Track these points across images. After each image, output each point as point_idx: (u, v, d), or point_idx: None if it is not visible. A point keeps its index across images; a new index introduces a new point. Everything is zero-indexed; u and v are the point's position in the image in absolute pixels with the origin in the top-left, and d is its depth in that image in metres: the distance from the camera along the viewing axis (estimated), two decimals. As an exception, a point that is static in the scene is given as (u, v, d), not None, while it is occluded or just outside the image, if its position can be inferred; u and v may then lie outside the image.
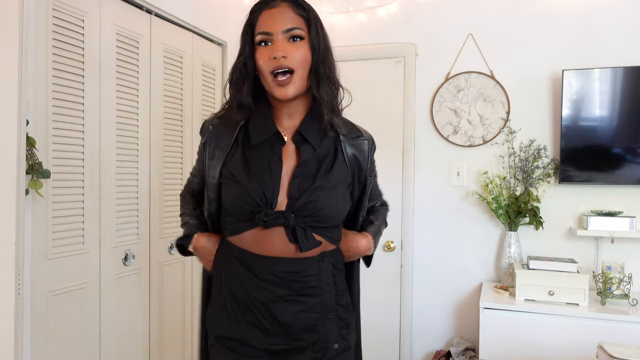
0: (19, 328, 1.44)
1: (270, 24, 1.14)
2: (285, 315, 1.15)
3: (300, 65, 1.14)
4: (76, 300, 1.79)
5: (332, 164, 1.20)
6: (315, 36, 1.17)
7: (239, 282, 1.18)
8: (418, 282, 2.81)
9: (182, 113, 2.37)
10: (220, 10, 2.63)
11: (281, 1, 1.17)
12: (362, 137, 1.29)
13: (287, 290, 1.16)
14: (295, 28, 1.15)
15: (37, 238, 1.62)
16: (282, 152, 1.19)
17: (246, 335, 1.16)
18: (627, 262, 2.39)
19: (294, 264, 1.16)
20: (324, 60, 1.18)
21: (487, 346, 2.29)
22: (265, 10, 1.16)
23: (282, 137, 1.20)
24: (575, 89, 2.46)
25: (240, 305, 1.18)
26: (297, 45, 1.14)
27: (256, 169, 1.16)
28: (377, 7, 2.86)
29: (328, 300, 1.19)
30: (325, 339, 1.18)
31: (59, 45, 1.70)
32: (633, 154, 2.38)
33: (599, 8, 2.51)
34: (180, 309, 2.39)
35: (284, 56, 1.12)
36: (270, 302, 1.15)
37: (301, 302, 1.17)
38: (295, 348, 1.16)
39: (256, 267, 1.17)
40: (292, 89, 1.14)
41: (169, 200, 2.29)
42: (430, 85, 2.78)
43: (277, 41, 1.13)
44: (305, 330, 1.17)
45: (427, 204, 2.79)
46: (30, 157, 1.53)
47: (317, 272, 1.19)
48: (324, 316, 1.18)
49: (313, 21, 1.18)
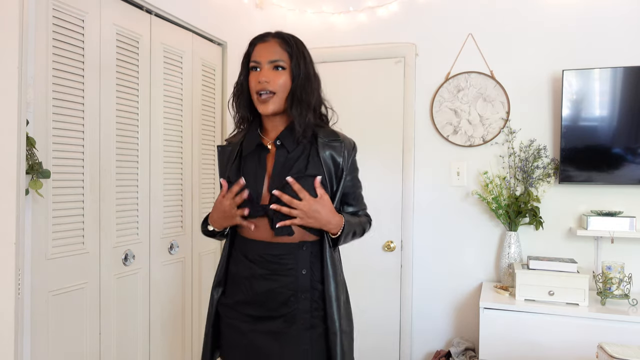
0: (19, 328, 1.44)
1: (260, 55, 1.46)
2: (262, 290, 1.43)
3: (280, 89, 1.44)
4: (76, 300, 1.79)
5: (307, 162, 1.45)
6: (295, 67, 1.45)
7: (235, 263, 1.51)
8: (418, 282, 2.81)
9: (182, 113, 2.37)
10: (220, 10, 2.64)
11: (272, 37, 1.48)
12: (338, 140, 1.51)
13: (266, 269, 1.44)
14: (279, 60, 1.45)
15: (37, 238, 1.62)
16: (266, 158, 1.48)
17: (235, 303, 1.49)
18: (627, 262, 2.39)
19: (274, 247, 1.43)
20: (303, 87, 1.46)
21: (487, 346, 2.30)
22: (259, 44, 1.48)
23: (266, 146, 1.49)
24: (575, 89, 2.46)
25: (235, 280, 1.50)
26: (279, 74, 1.45)
27: (246, 174, 1.47)
28: (377, 7, 2.86)
29: (302, 282, 1.43)
30: (295, 313, 1.42)
31: (59, 45, 1.70)
32: (633, 154, 2.38)
33: (599, 8, 2.52)
34: (180, 309, 2.39)
35: (266, 81, 1.43)
36: (253, 278, 1.45)
37: (276, 280, 1.43)
38: (270, 316, 1.43)
39: (247, 249, 1.47)
40: (271, 107, 1.44)
41: (169, 200, 2.29)
42: (430, 85, 2.78)
43: (264, 69, 1.44)
44: (279, 303, 1.43)
45: (427, 204, 2.79)
46: (30, 157, 1.53)
47: (294, 257, 1.43)
48: (297, 295, 1.42)
49: (295, 55, 1.46)
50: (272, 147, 1.49)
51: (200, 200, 2.52)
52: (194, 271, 2.49)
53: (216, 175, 2.67)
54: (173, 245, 2.30)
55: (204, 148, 2.55)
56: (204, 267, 2.57)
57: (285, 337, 1.42)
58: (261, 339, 1.43)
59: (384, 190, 2.82)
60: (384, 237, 2.82)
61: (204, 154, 2.55)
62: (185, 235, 2.40)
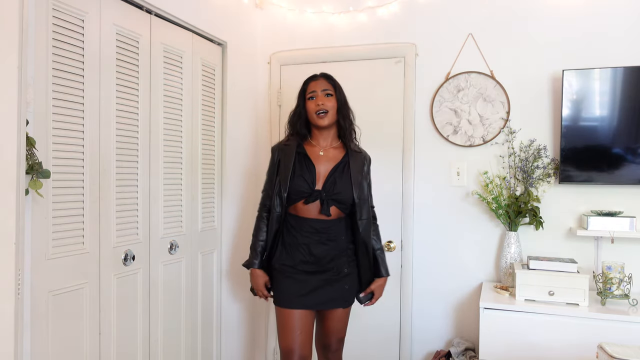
0: (19, 328, 1.44)
1: (314, 87, 2.19)
2: (318, 251, 2.12)
3: (330, 108, 2.16)
4: (76, 300, 1.79)
5: (347, 167, 2.17)
6: (339, 94, 2.19)
7: (292, 235, 2.15)
8: (418, 282, 2.81)
9: (182, 113, 2.37)
10: (220, 10, 2.63)
11: (320, 76, 2.22)
12: (361, 154, 2.24)
13: (319, 237, 2.12)
14: (328, 89, 2.18)
15: (37, 238, 1.62)
16: (314, 160, 2.17)
17: (294, 263, 2.13)
18: (627, 262, 2.39)
19: (324, 222, 2.13)
20: (343, 107, 2.20)
21: (487, 346, 2.30)
22: (312, 82, 2.21)
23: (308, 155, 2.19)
24: (575, 89, 2.46)
25: (292, 247, 2.15)
26: (329, 99, 2.17)
27: (303, 171, 2.14)
28: (377, 7, 2.86)
29: (342, 245, 2.16)
30: (340, 266, 2.15)
31: (59, 45, 1.70)
32: (633, 154, 2.38)
33: (599, 8, 2.52)
34: (180, 309, 2.39)
35: (323, 104, 2.15)
36: (311, 243, 2.12)
37: (327, 244, 2.13)
38: (322, 270, 2.13)
39: (303, 224, 2.14)
40: (326, 120, 2.15)
41: (169, 200, 2.29)
42: (430, 85, 2.78)
43: (318, 96, 2.16)
44: (329, 260, 2.13)
45: (427, 204, 2.79)
46: (30, 157, 1.53)
47: (336, 228, 2.15)
48: (339, 253, 2.15)
49: (337, 87, 2.21)
50: (323, 151, 2.19)
51: (200, 200, 2.52)
52: (194, 271, 2.49)
53: (216, 175, 2.68)
54: (173, 245, 2.29)
55: (204, 148, 2.54)
56: (204, 267, 2.57)
57: (333, 282, 2.13)
58: (315, 283, 2.12)
59: (384, 190, 2.81)
60: (384, 237, 2.81)
61: (204, 154, 2.55)
62: (185, 235, 2.40)
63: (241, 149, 2.87)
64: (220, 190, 2.71)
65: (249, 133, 2.95)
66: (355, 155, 2.19)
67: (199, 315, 2.53)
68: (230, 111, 2.74)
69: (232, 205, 2.78)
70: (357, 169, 2.16)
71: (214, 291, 2.67)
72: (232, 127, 2.76)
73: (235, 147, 2.80)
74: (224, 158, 2.71)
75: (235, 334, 2.85)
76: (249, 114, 2.96)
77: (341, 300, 2.16)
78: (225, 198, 2.71)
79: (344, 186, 2.12)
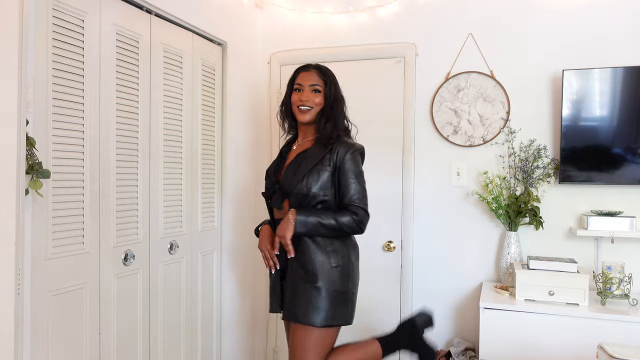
0: (19, 328, 1.44)
1: (302, 80, 2.02)
2: (281, 254, 1.98)
3: (315, 105, 1.99)
4: (76, 300, 1.79)
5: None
6: (328, 91, 2.00)
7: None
8: (418, 282, 2.81)
9: (182, 113, 2.37)
10: (220, 10, 2.63)
11: (312, 68, 2.03)
12: (333, 144, 1.93)
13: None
14: (317, 85, 2.00)
15: (37, 238, 1.62)
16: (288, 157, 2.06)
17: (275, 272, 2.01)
18: (627, 262, 2.39)
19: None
20: (332, 106, 1.99)
21: (487, 346, 2.30)
22: (302, 72, 2.04)
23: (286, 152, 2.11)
24: (575, 89, 2.46)
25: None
26: (316, 95, 2.00)
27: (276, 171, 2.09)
28: (377, 7, 2.86)
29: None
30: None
31: (59, 45, 1.70)
32: (633, 154, 2.38)
33: (599, 8, 2.52)
34: (180, 309, 2.39)
35: (307, 100, 1.98)
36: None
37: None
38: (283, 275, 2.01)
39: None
40: (307, 116, 2.00)
41: (169, 200, 2.29)
42: (430, 85, 2.78)
43: (305, 90, 2.00)
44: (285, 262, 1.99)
45: (427, 204, 2.79)
46: (30, 157, 1.53)
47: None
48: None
49: (329, 83, 2.01)
50: (296, 146, 2.05)
51: (200, 200, 2.52)
52: (194, 271, 2.49)
53: (216, 174, 2.68)
54: (173, 245, 2.29)
55: (204, 148, 2.54)
56: (204, 267, 2.57)
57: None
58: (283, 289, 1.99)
59: (383, 190, 2.81)
60: (384, 237, 2.82)
61: (204, 154, 2.55)
62: (185, 235, 2.40)
63: (241, 149, 2.87)
64: (220, 190, 2.71)
65: (249, 133, 2.95)
66: (320, 144, 1.94)
67: (198, 315, 2.53)
68: (230, 111, 2.74)
69: (232, 205, 2.78)
70: (315, 157, 1.90)
71: (214, 291, 2.67)
72: (232, 127, 2.76)
73: (235, 147, 2.80)
74: (224, 158, 2.71)
75: (235, 333, 2.85)
76: (249, 114, 2.96)
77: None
78: (225, 198, 2.71)
79: (291, 176, 1.93)
